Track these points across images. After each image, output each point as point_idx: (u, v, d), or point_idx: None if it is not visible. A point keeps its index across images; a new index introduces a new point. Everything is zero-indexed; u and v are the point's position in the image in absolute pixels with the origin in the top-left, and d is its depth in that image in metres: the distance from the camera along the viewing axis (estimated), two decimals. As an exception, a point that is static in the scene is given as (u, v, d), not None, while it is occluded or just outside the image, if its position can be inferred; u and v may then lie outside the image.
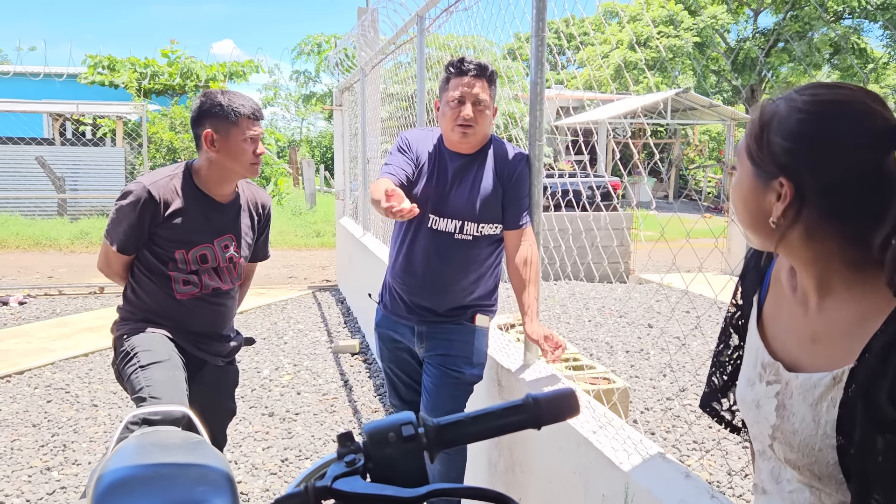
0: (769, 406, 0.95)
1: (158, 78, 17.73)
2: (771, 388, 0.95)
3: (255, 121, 2.25)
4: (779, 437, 0.93)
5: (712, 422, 3.42)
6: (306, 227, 14.13)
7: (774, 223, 0.90)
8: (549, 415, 0.82)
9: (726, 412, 1.16)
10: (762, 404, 0.96)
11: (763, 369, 0.97)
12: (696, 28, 24.58)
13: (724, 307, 1.18)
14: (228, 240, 2.37)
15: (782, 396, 0.93)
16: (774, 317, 1.01)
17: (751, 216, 0.94)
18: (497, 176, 2.29)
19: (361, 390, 4.56)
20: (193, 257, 2.28)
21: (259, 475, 3.35)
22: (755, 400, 0.98)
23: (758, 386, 0.98)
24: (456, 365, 2.32)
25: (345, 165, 8.32)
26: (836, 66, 25.69)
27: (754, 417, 0.98)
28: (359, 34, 6.37)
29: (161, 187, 2.22)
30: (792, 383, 0.92)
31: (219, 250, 2.34)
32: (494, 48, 4.53)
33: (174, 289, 2.29)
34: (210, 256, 2.32)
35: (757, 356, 1.00)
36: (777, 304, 1.01)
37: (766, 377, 0.96)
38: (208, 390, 2.45)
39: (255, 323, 6.39)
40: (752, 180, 0.92)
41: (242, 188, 2.45)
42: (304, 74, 32.75)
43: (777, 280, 1.02)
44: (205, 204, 2.30)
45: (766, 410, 0.95)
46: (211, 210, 2.32)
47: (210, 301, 2.36)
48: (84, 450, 3.59)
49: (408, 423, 0.76)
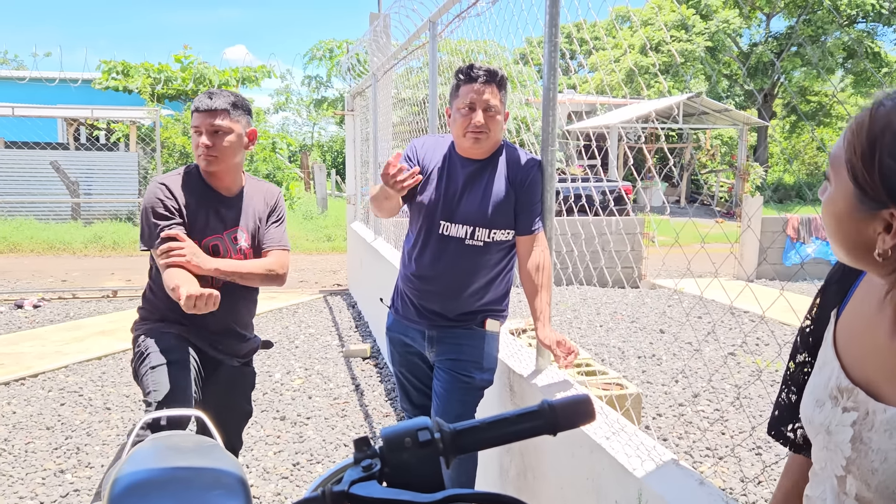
0: (843, 435, 0.84)
1: (172, 83, 17.86)
2: (847, 416, 0.84)
3: (205, 113, 2.27)
4: (854, 472, 0.83)
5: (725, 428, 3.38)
6: (317, 231, 14.17)
7: (880, 255, 0.76)
8: (564, 421, 0.82)
9: (791, 432, 1.05)
10: (834, 431, 0.86)
11: (839, 393, 0.86)
12: (709, 32, 24.50)
13: (738, 313, 1.13)
14: (238, 232, 2.40)
15: (860, 428, 0.82)
16: (855, 337, 0.89)
17: (847, 241, 0.81)
18: (509, 181, 2.29)
19: (372, 395, 4.57)
20: (205, 249, 2.31)
21: (271, 479, 3.36)
22: (824, 424, 0.88)
23: (829, 409, 0.87)
24: (466, 370, 2.32)
25: (356, 170, 8.35)
26: (850, 70, 25.54)
27: (823, 442, 0.88)
28: (371, 39, 6.39)
29: (172, 182, 2.32)
30: (876, 416, 0.80)
31: (229, 242, 2.37)
32: (506, 53, 4.53)
33: None
34: (222, 248, 2.35)
35: (831, 377, 0.89)
36: (861, 323, 0.89)
37: (843, 402, 0.85)
38: (224, 390, 2.48)
39: (267, 327, 6.41)
40: (852, 203, 0.78)
41: (248, 182, 2.48)
42: (315, 79, 32.92)
43: (864, 298, 0.90)
44: (212, 198, 2.37)
45: (840, 439, 0.85)
46: (218, 204, 2.38)
47: (225, 296, 2.31)
48: (97, 453, 3.61)
49: (424, 428, 0.76)
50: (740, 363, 5.41)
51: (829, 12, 23.12)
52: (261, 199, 2.50)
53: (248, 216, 2.44)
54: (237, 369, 2.54)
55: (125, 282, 8.92)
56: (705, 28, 24.67)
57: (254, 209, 2.46)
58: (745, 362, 5.43)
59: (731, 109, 20.50)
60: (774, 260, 9.89)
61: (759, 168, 19.69)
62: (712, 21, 24.91)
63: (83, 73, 13.08)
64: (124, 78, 17.50)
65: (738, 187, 19.70)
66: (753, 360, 5.47)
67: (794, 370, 1.03)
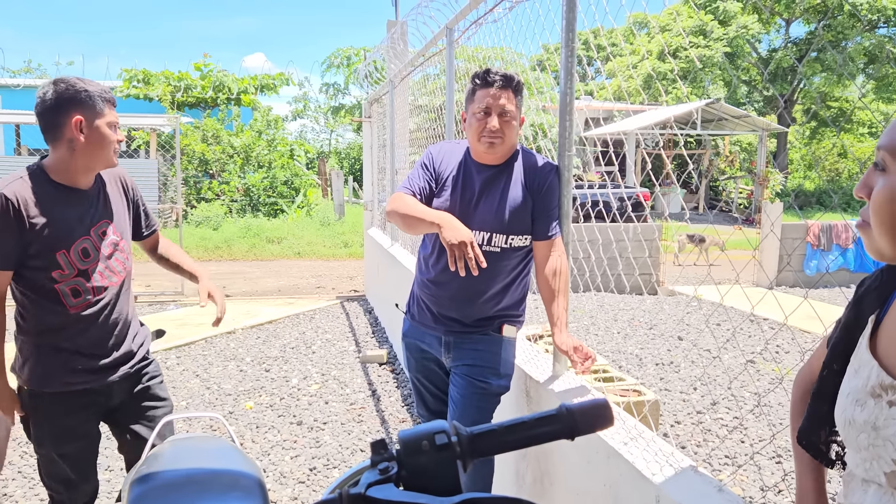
0: (894, 428, 0.85)
1: (191, 91, 18.08)
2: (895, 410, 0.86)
3: (114, 107, 2.16)
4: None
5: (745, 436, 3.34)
6: (335, 237, 14.23)
7: None
8: (583, 425, 0.82)
9: (823, 444, 1.06)
10: (882, 426, 0.87)
11: (882, 390, 0.88)
12: (727, 38, 24.35)
13: (758, 320, 1.13)
14: (104, 225, 2.19)
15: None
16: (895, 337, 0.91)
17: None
18: (526, 187, 2.29)
19: (389, 400, 4.57)
20: (76, 255, 2.09)
21: (287, 483, 3.37)
22: (869, 421, 0.88)
23: (873, 406, 0.89)
24: (483, 376, 2.31)
25: (373, 176, 8.39)
26: (871, 75, 25.25)
27: (869, 440, 0.89)
28: (388, 46, 6.42)
29: (17, 189, 2.02)
30: None
31: (97, 239, 2.16)
32: (522, 59, 4.54)
33: (66, 303, 2.08)
34: (91, 249, 2.13)
35: (870, 376, 0.90)
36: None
37: (887, 397, 0.86)
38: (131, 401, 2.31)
39: (284, 332, 6.44)
40: None
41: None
42: (333, 87, 33.16)
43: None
44: (70, 197, 2.13)
45: (890, 433, 0.86)
46: (77, 202, 2.14)
47: (107, 305, 2.19)
48: (116, 456, 3.64)
49: (441, 431, 0.76)
50: (760, 370, 5.35)
51: (849, 17, 22.88)
52: (116, 184, 2.29)
53: (110, 206, 2.24)
54: (133, 374, 2.29)
55: (145, 287, 9.00)
56: (724, 34, 24.52)
57: (114, 196, 2.27)
58: (764, 370, 5.37)
59: (749, 115, 20.37)
60: (795, 267, 9.78)
61: (779, 174, 19.52)
62: (731, 27, 24.75)
63: (104, 82, 13.25)
64: (145, 86, 17.76)
65: (758, 194, 19.53)
66: (773, 368, 5.41)
67: (825, 378, 1.03)
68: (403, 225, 2.28)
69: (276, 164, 17.22)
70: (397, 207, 2.25)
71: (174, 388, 4.78)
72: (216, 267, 11.36)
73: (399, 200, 2.27)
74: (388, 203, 2.34)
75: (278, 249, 13.12)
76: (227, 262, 12.18)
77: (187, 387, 4.81)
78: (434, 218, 2.15)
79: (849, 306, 1.02)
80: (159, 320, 6.95)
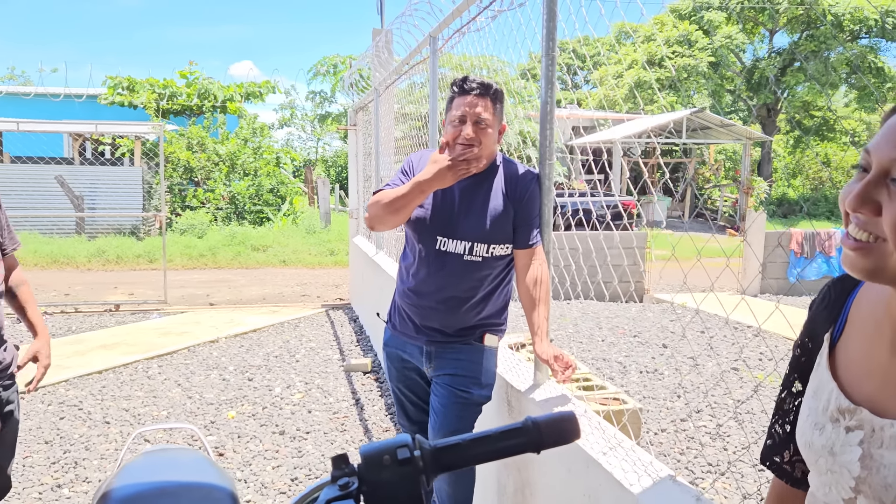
0: (850, 454, 0.83)
1: (176, 98, 18.00)
2: (853, 436, 0.83)
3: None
4: (865, 492, 0.81)
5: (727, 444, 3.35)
6: (320, 245, 14.19)
7: None
8: (548, 439, 0.81)
9: (787, 465, 1.04)
10: (838, 451, 0.85)
11: (840, 414, 0.85)
12: (711, 48, 24.56)
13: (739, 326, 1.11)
14: None
15: (868, 445, 0.81)
16: (854, 358, 0.88)
17: None
18: (507, 196, 2.28)
19: (373, 409, 4.54)
20: None
21: (268, 494, 3.33)
22: (826, 446, 0.86)
23: (830, 431, 0.86)
24: (464, 385, 2.30)
25: (359, 184, 8.37)
26: (853, 85, 25.55)
27: (827, 465, 0.86)
28: (373, 55, 6.42)
29: None
30: (884, 431, 0.80)
31: None
32: (508, 68, 4.55)
33: None
34: None
35: (829, 399, 0.88)
36: (860, 343, 0.88)
37: (845, 423, 0.84)
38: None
39: (268, 341, 6.39)
40: None
41: None
42: (319, 95, 33.10)
43: (860, 319, 0.90)
44: None
45: (846, 459, 0.84)
46: None
47: None
48: (95, 467, 3.59)
49: (403, 445, 0.74)
50: (742, 378, 5.37)
51: (831, 28, 23.16)
52: None
53: None
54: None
55: (128, 296, 8.93)
56: (708, 44, 24.73)
57: None
58: (747, 377, 5.40)
59: (733, 124, 20.53)
60: (779, 275, 9.85)
61: (763, 183, 19.68)
62: (714, 37, 24.98)
63: (88, 89, 13.17)
64: (129, 93, 17.66)
65: (743, 202, 19.67)
66: (754, 375, 5.43)
67: (786, 399, 1.02)
68: (390, 211, 2.20)
69: (261, 172, 17.15)
70: (379, 198, 2.22)
71: (155, 397, 4.73)
72: (200, 275, 11.28)
73: (376, 197, 2.25)
74: (368, 209, 2.31)
75: (263, 257, 13.05)
76: (212, 270, 12.10)
77: (168, 396, 4.76)
78: (412, 183, 2.16)
79: (803, 328, 1.00)
80: (141, 329, 6.89)
